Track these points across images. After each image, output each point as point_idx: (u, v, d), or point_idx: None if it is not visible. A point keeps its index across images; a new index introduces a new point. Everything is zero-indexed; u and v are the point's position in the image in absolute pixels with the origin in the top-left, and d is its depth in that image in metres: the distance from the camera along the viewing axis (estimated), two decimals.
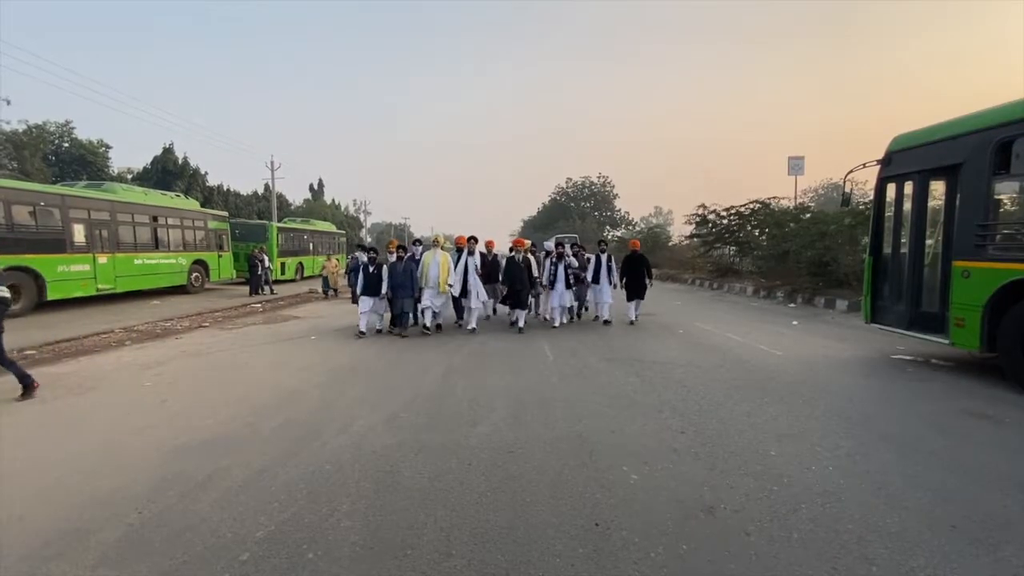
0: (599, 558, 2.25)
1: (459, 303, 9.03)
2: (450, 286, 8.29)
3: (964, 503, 2.70)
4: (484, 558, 2.26)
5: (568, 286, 8.98)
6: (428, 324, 8.30)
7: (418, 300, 8.40)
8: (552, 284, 8.96)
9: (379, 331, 8.49)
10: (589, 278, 9.41)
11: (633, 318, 9.50)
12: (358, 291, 8.34)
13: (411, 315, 8.51)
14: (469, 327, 8.52)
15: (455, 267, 8.54)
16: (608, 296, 9.41)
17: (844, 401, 4.58)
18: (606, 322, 9.43)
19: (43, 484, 3.05)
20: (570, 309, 9.68)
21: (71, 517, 2.64)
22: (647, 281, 9.51)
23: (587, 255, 10.10)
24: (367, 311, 8.20)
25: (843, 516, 2.57)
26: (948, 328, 5.45)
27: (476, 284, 8.53)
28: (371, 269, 8.17)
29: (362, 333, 8.09)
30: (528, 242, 9.88)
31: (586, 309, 10.46)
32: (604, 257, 9.42)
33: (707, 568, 2.18)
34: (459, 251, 8.98)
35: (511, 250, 8.93)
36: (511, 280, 8.64)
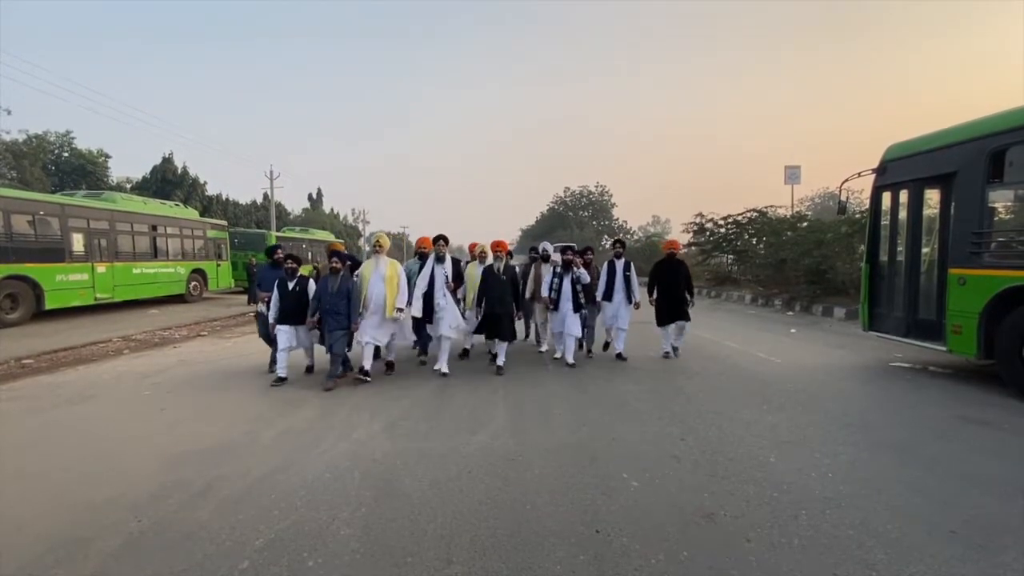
0: (600, 564, 2.25)
1: (423, 328, 6.31)
2: (399, 311, 5.65)
3: (963, 509, 2.71)
4: (485, 565, 2.25)
5: (577, 307, 6.42)
6: (366, 366, 5.50)
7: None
8: (556, 304, 6.46)
9: (308, 368, 6.07)
10: (599, 295, 6.86)
11: (669, 348, 6.85)
12: (271, 317, 5.69)
13: (343, 356, 5.64)
14: (437, 367, 5.99)
15: (418, 280, 6.04)
16: (625, 320, 6.81)
17: (843, 408, 4.59)
18: (620, 356, 6.75)
19: (42, 492, 3.03)
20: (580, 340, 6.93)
21: (70, 525, 2.63)
22: (688, 297, 6.71)
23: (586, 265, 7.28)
24: (286, 347, 5.64)
25: (843, 522, 2.58)
26: (945, 335, 5.48)
27: (447, 305, 6.01)
28: (290, 285, 5.63)
29: (281, 379, 5.55)
30: (509, 244, 7.11)
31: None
32: (620, 264, 6.84)
33: (708, 574, 2.18)
34: (422, 258, 6.37)
35: (494, 256, 6.40)
36: (488, 299, 6.08)
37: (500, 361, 6.12)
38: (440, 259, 6.14)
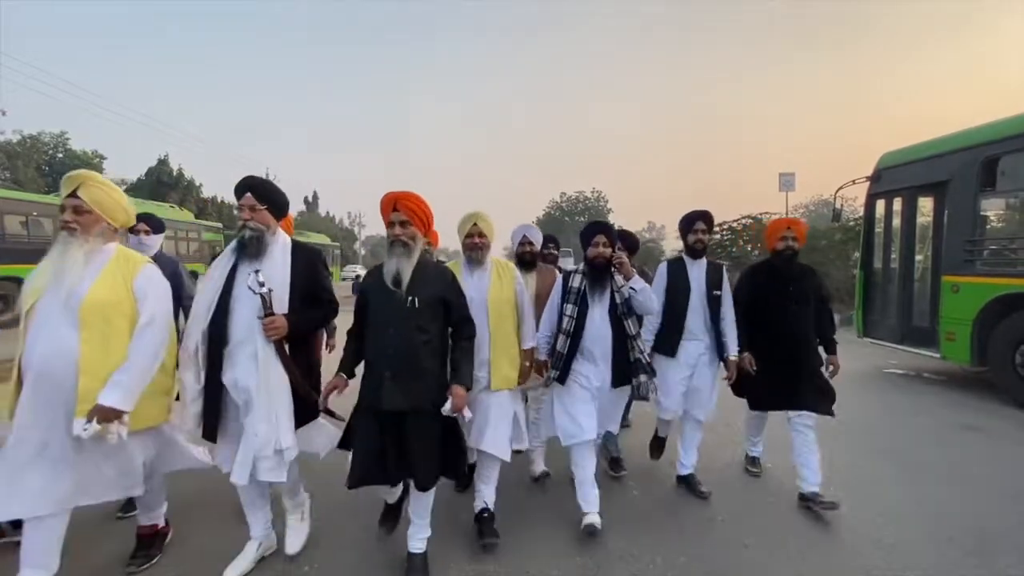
0: (597, 568, 2.24)
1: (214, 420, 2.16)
2: (89, 427, 1.76)
3: (960, 515, 2.72)
4: (482, 569, 2.24)
5: (624, 375, 2.56)
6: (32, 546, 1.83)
7: None
8: (562, 372, 2.57)
9: None
10: (648, 337, 2.97)
11: (758, 450, 3.39)
12: None
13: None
14: (232, 572, 2.16)
15: (196, 303, 2.16)
16: (709, 398, 3.07)
17: (839, 414, 4.58)
18: (689, 482, 3.04)
19: None
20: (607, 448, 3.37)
21: (68, 528, 2.58)
22: (823, 351, 3.06)
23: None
24: None
25: (840, 528, 2.58)
26: (939, 342, 5.52)
27: (261, 380, 2.05)
28: None
29: None
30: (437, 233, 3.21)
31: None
32: (699, 270, 3.01)
33: None
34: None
35: (390, 244, 2.16)
36: (367, 362, 2.15)
37: (416, 544, 2.23)
38: (249, 247, 2.16)
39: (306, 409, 2.21)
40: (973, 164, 5.21)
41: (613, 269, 2.61)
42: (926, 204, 6.30)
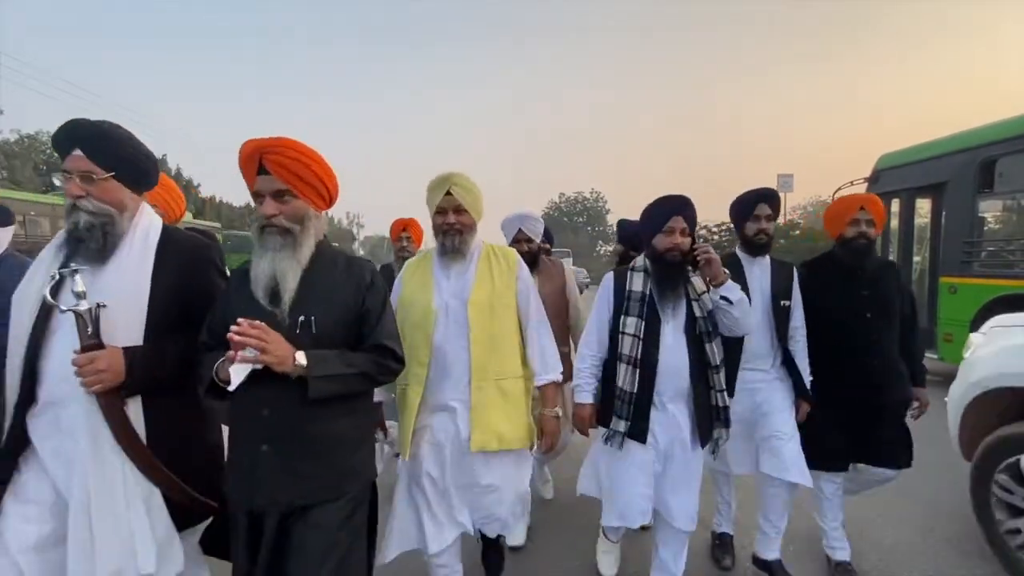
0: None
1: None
2: None
3: (958, 516, 2.72)
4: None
5: (712, 428, 1.81)
6: None
7: None
8: (635, 421, 1.75)
9: None
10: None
11: (841, 543, 2.25)
12: None
13: None
14: None
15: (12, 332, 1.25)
16: (792, 439, 2.03)
17: None
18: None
19: None
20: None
21: None
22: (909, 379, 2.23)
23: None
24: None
25: None
26: (937, 343, 5.53)
27: (91, 486, 1.18)
28: None
29: None
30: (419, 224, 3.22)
31: None
32: (759, 273, 2.13)
33: None
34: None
35: (265, 236, 1.25)
36: (239, 431, 1.28)
37: None
38: (88, 243, 1.28)
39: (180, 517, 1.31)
40: (971, 165, 5.22)
41: (690, 269, 1.83)
42: (924, 205, 6.31)
